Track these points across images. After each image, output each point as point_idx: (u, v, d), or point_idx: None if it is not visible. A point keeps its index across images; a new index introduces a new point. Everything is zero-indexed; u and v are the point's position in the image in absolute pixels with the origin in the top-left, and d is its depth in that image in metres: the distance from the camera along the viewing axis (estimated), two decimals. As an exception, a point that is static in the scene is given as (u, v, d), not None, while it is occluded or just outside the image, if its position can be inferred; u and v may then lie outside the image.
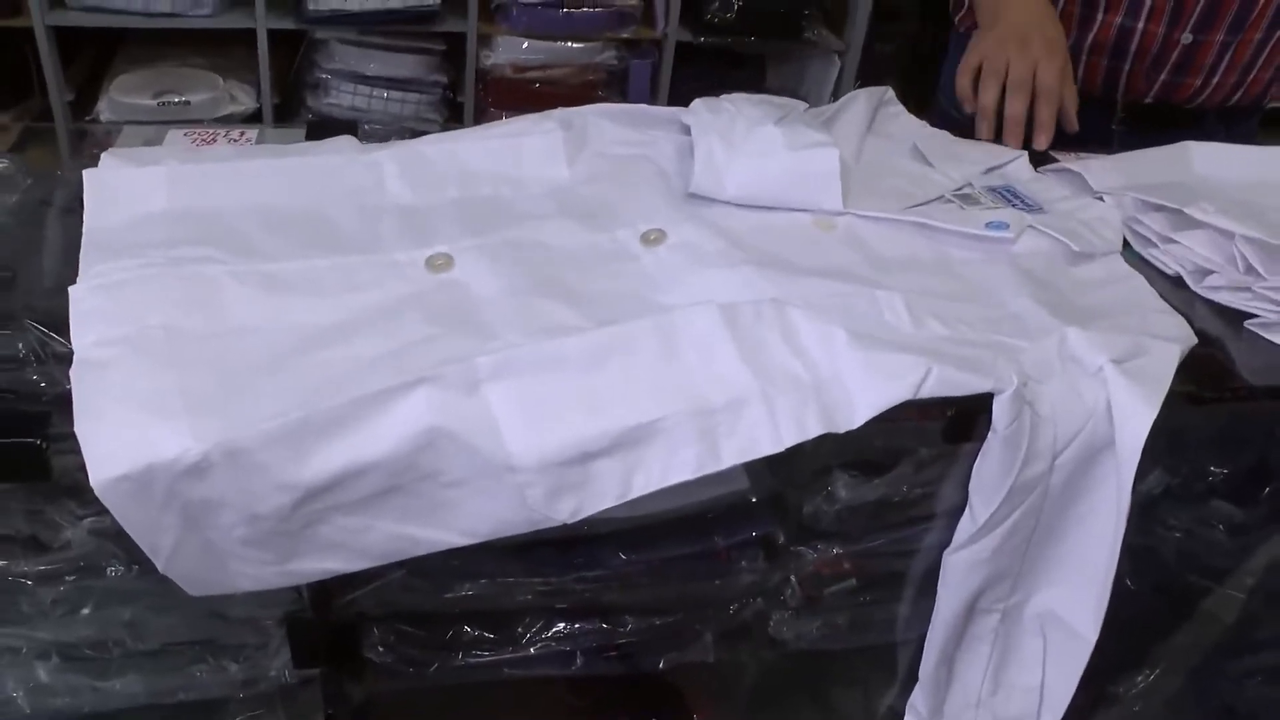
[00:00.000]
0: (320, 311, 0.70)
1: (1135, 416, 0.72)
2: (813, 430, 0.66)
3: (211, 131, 0.95)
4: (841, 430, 0.67)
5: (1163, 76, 1.26)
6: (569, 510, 0.63)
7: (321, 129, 0.98)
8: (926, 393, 0.68)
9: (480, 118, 1.93)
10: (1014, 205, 0.95)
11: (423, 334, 0.68)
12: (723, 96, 0.99)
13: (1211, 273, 0.90)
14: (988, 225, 0.88)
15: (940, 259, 0.86)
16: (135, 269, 0.70)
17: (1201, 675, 1.12)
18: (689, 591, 0.76)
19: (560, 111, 0.96)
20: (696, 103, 0.94)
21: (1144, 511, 0.75)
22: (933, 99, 1.49)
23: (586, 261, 0.78)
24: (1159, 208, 0.97)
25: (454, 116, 1.97)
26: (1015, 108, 1.08)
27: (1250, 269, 0.89)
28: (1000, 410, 0.70)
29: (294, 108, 1.96)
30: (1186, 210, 0.93)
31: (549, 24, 1.84)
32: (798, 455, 0.66)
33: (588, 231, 0.82)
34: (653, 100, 1.95)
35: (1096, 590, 0.77)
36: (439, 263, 0.75)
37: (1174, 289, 0.90)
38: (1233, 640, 1.08)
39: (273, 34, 1.87)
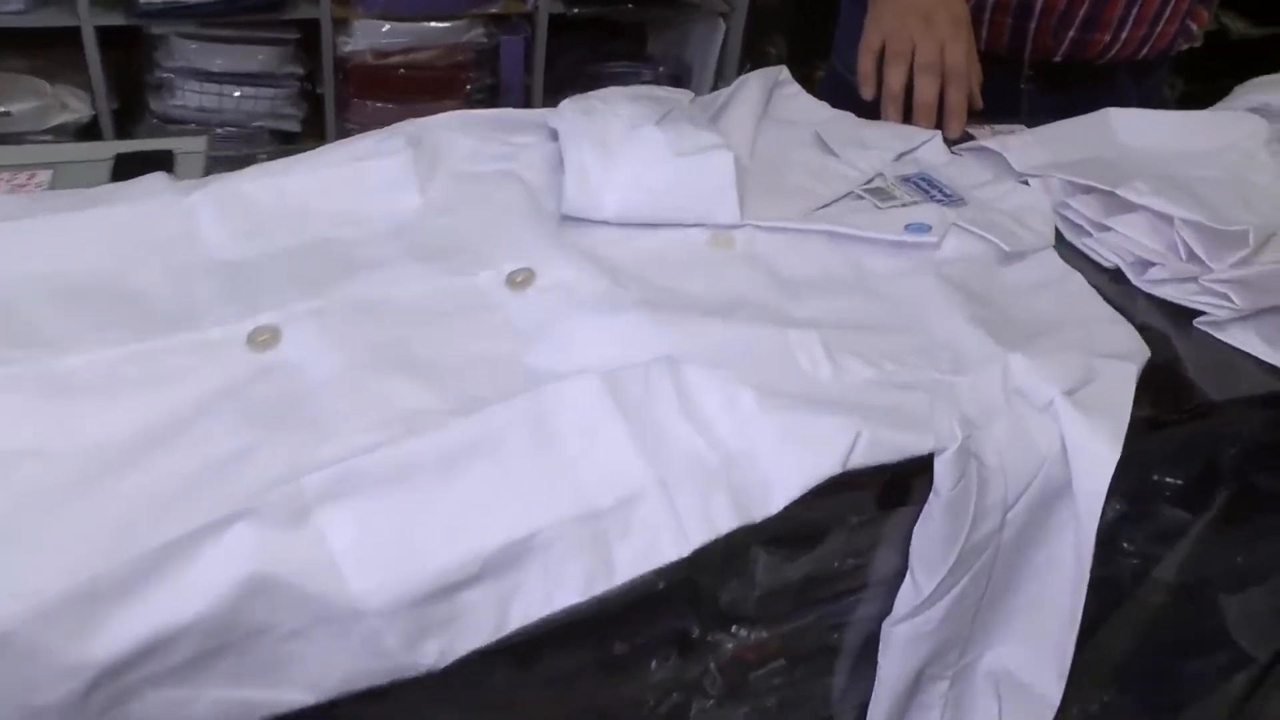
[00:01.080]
0: (116, 421, 0.56)
1: (1095, 458, 0.62)
2: (724, 525, 0.54)
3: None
4: (759, 519, 0.55)
5: (1071, 33, 1.17)
6: (434, 654, 0.51)
7: (133, 164, 0.83)
8: (856, 462, 0.57)
9: (343, 111, 1.77)
10: (932, 197, 0.85)
11: (239, 443, 0.55)
12: (595, 93, 0.87)
13: (1153, 264, 0.81)
14: (907, 228, 0.77)
15: (856, 274, 0.75)
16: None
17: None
18: (593, 704, 0.65)
19: (409, 125, 0.82)
20: (564, 104, 0.81)
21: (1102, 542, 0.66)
22: (826, 59, 1.38)
23: (441, 317, 0.65)
24: (1089, 189, 0.87)
25: (314, 111, 1.80)
26: (927, 93, 0.97)
27: (1193, 256, 0.80)
28: (943, 471, 0.60)
29: (137, 113, 1.77)
30: (1119, 192, 0.84)
31: (409, 3, 1.68)
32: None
33: (443, 276, 0.69)
34: (527, 78, 1.81)
35: (1057, 646, 0.68)
36: (262, 338, 0.62)
37: (1113, 284, 0.81)
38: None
39: (105, 32, 1.68)
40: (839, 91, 1.36)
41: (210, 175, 0.78)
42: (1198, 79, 2.15)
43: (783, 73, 0.97)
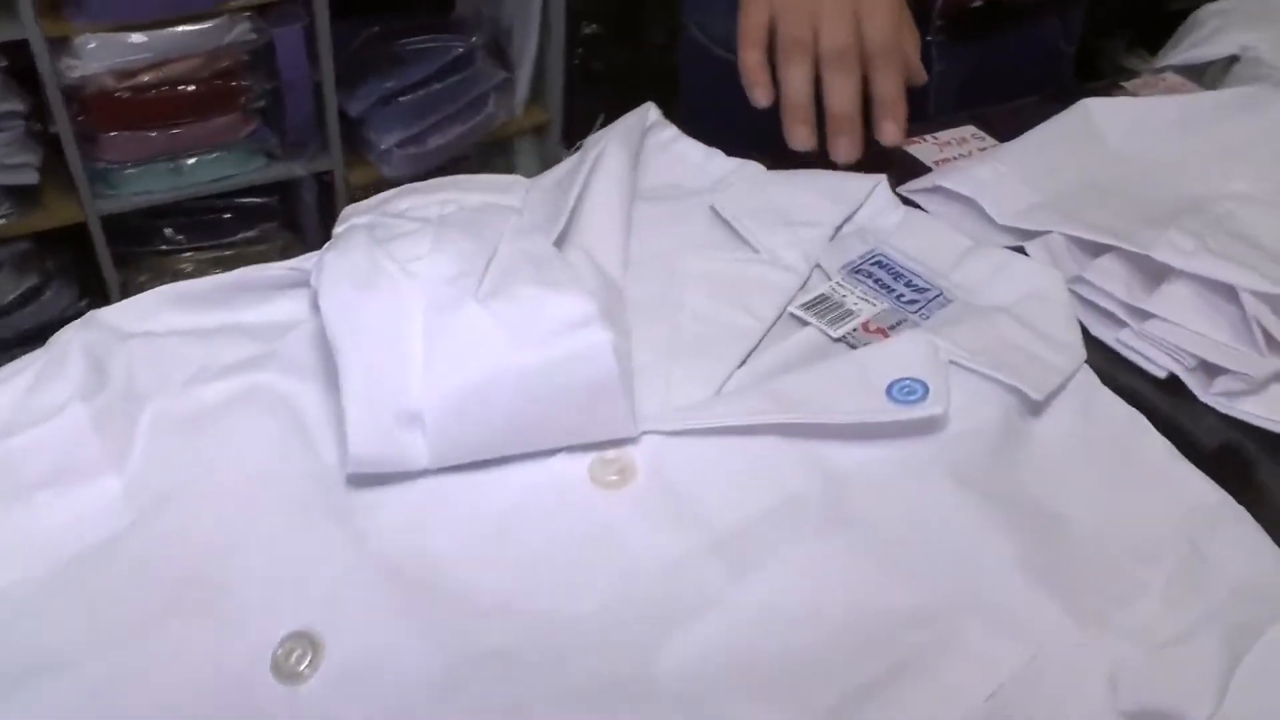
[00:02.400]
0: None
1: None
2: None
3: None
4: None
5: None
6: None
7: None
8: None
9: (91, 148, 1.40)
10: (899, 297, 0.58)
11: None
12: (370, 212, 0.56)
13: (1224, 371, 0.56)
14: (892, 394, 0.50)
15: (825, 493, 0.47)
16: None
17: None
18: None
19: (89, 337, 0.51)
20: (328, 257, 0.51)
21: None
22: (680, 24, 1.08)
23: None
24: (1105, 249, 0.62)
25: (54, 154, 1.43)
26: (841, 98, 0.69)
27: (1277, 346, 0.55)
28: None
29: None
30: (1153, 254, 0.58)
31: (141, 7, 1.30)
32: None
33: (181, 669, 0.40)
34: (315, 74, 1.46)
35: None
36: None
37: (1170, 400, 0.56)
38: None
39: None
40: (704, 69, 1.07)
41: None
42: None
43: (651, 112, 0.68)
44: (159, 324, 0.51)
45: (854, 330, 0.56)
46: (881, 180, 0.66)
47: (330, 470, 0.47)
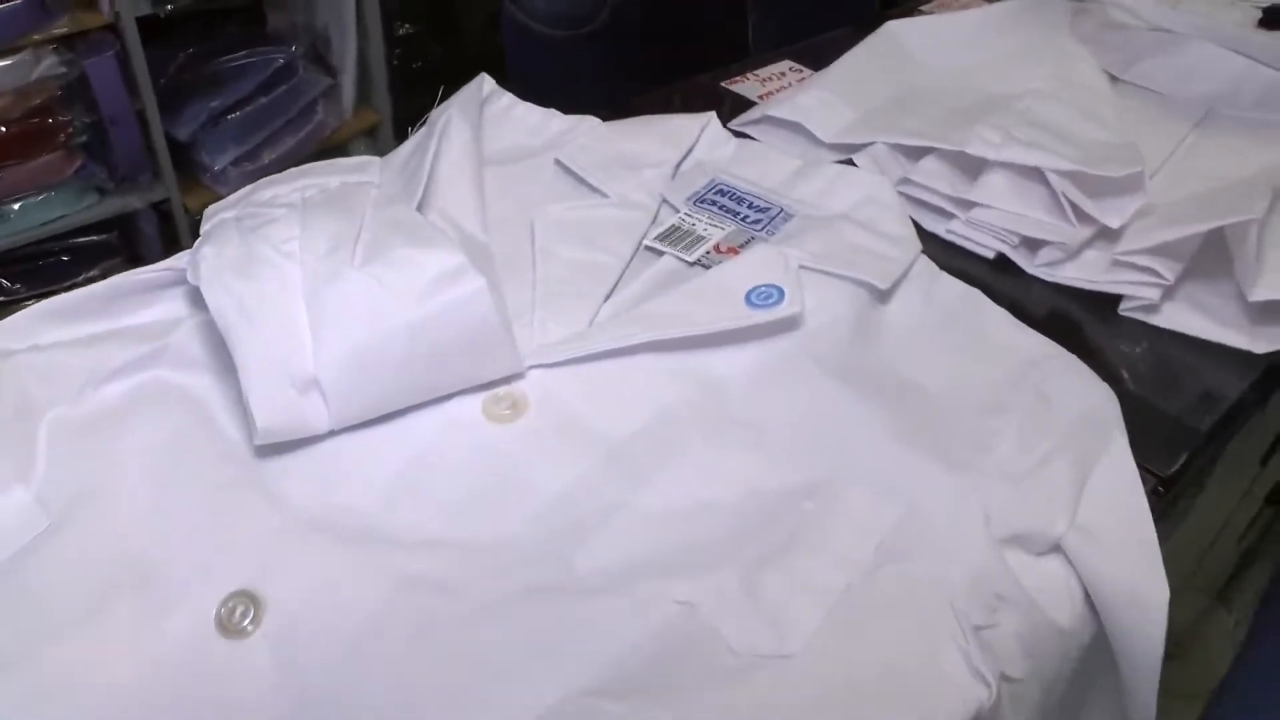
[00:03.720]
0: None
1: (1143, 606, 0.44)
2: None
3: None
4: None
5: None
6: None
7: None
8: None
9: (-97, 207, 1.34)
10: (745, 219, 0.62)
11: None
12: (241, 201, 0.58)
13: (1044, 244, 0.62)
14: (750, 301, 0.54)
15: (705, 397, 0.51)
16: None
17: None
18: None
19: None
20: (203, 254, 0.52)
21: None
22: (499, 7, 1.10)
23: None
24: (926, 152, 0.67)
25: None
26: None
27: (1084, 217, 0.62)
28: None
29: None
30: (968, 150, 0.64)
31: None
32: None
33: (120, 646, 0.41)
34: (136, 102, 1.43)
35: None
36: None
37: (1002, 277, 0.62)
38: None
39: None
40: (526, 44, 1.10)
41: None
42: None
43: (485, 84, 0.71)
44: (41, 339, 0.52)
45: (707, 253, 0.60)
46: (711, 117, 0.70)
47: (237, 446, 0.49)
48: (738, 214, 0.63)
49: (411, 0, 2.03)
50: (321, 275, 0.50)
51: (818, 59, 0.82)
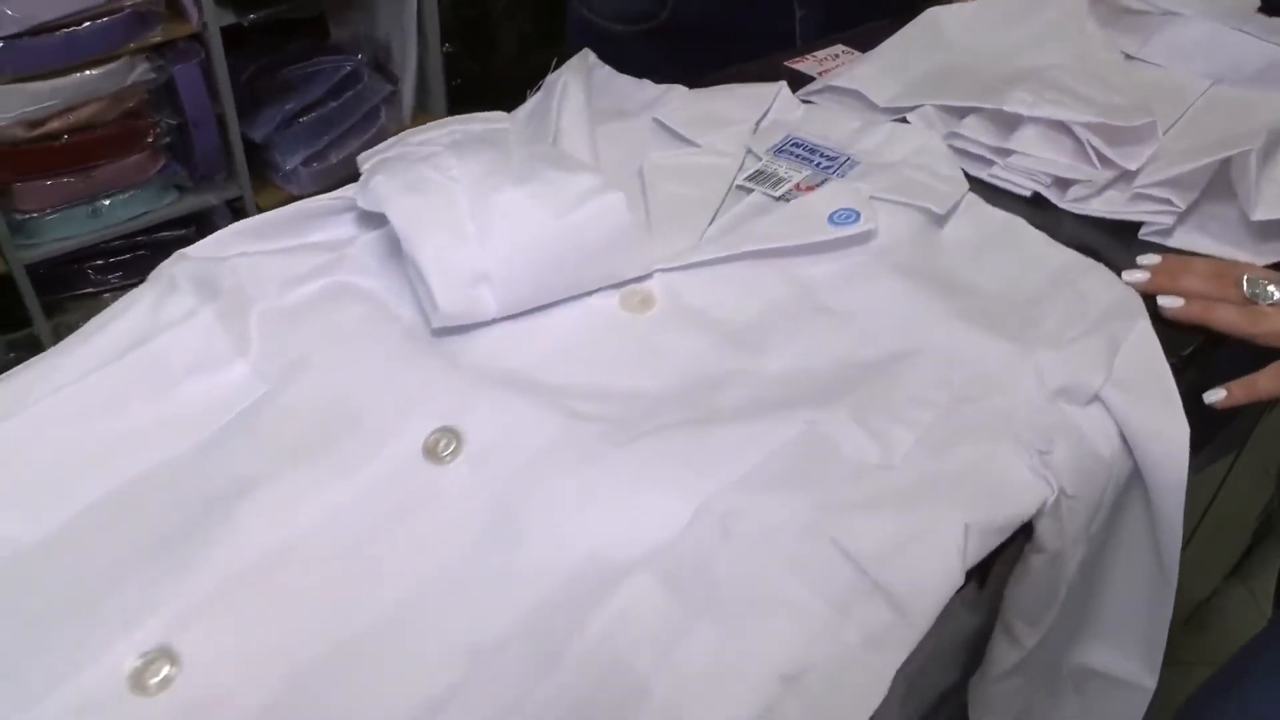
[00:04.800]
0: None
1: (1167, 443, 0.54)
2: (882, 685, 0.42)
3: None
4: (905, 656, 0.43)
5: None
6: None
7: None
8: (972, 559, 0.46)
9: (7, 200, 1.45)
10: (818, 165, 0.73)
11: None
12: (395, 145, 0.69)
13: (1074, 182, 0.73)
14: (832, 221, 0.65)
15: (802, 294, 0.62)
16: None
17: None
18: None
19: (184, 267, 0.62)
20: (376, 179, 0.63)
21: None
22: (568, 6, 1.22)
23: (370, 540, 0.48)
24: (968, 111, 0.78)
25: (-31, 212, 1.48)
26: None
27: (1106, 161, 0.72)
28: (1046, 528, 0.50)
29: None
30: (1006, 108, 0.75)
31: (47, 55, 1.38)
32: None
33: (340, 478, 0.51)
34: (217, 106, 1.55)
35: (1149, 637, 0.60)
36: (158, 676, 0.43)
37: (1037, 212, 0.73)
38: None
39: None
40: (591, 39, 1.21)
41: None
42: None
43: (589, 57, 0.82)
44: (246, 249, 0.63)
45: (789, 190, 0.71)
46: (783, 85, 0.81)
47: (416, 329, 0.59)
48: (812, 161, 0.74)
49: (450, 22, 2.16)
50: (483, 192, 0.60)
51: (864, 44, 0.93)
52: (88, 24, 1.41)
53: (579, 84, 0.75)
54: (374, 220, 0.65)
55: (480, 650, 0.43)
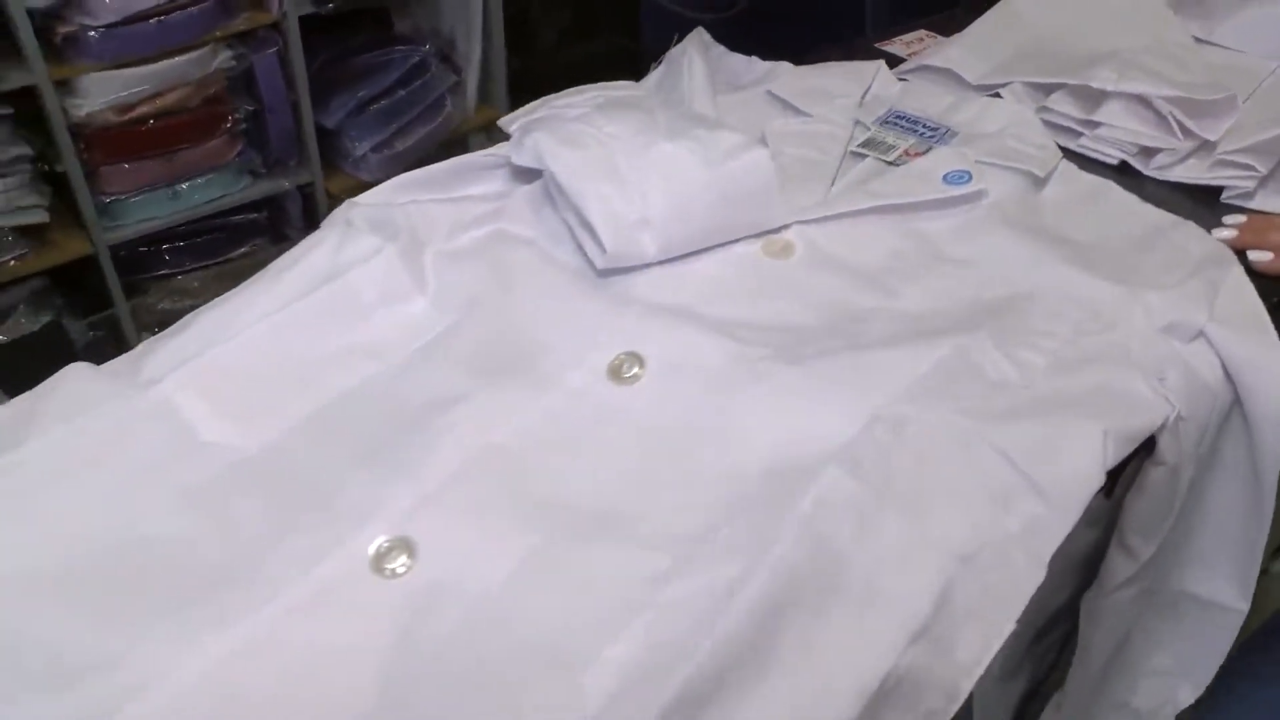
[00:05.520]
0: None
1: (1267, 373, 0.60)
2: (1029, 585, 0.48)
3: None
4: (1047, 559, 0.49)
5: None
6: None
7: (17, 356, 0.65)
8: (1110, 464, 0.52)
9: (95, 182, 1.51)
10: (921, 135, 0.79)
11: (483, 705, 0.43)
12: (539, 108, 0.75)
13: (1158, 150, 0.79)
14: (946, 180, 0.71)
15: (924, 245, 0.68)
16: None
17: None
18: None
19: (356, 210, 0.68)
20: (535, 138, 0.69)
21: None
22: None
23: (567, 446, 0.54)
24: (1054, 88, 0.84)
25: (60, 192, 1.54)
26: None
27: (1188, 132, 0.79)
28: (1168, 442, 0.56)
29: None
30: (1092, 84, 0.81)
31: (140, 42, 1.44)
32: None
33: (532, 392, 0.57)
34: (292, 92, 1.62)
35: (1243, 560, 0.66)
36: (392, 565, 0.48)
37: (1125, 179, 0.79)
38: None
39: None
40: (662, 24, 1.29)
41: (140, 345, 0.61)
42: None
43: (703, 35, 0.88)
44: (416, 197, 0.69)
45: (899, 156, 0.77)
46: (882, 63, 0.87)
47: (579, 272, 0.65)
48: (916, 130, 0.80)
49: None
50: (639, 147, 0.66)
51: (943, 29, 1.00)
52: (178, 12, 1.47)
53: (700, 57, 0.82)
54: (525, 176, 0.72)
55: (687, 538, 0.49)
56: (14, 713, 0.41)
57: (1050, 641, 0.72)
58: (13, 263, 1.53)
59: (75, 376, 0.57)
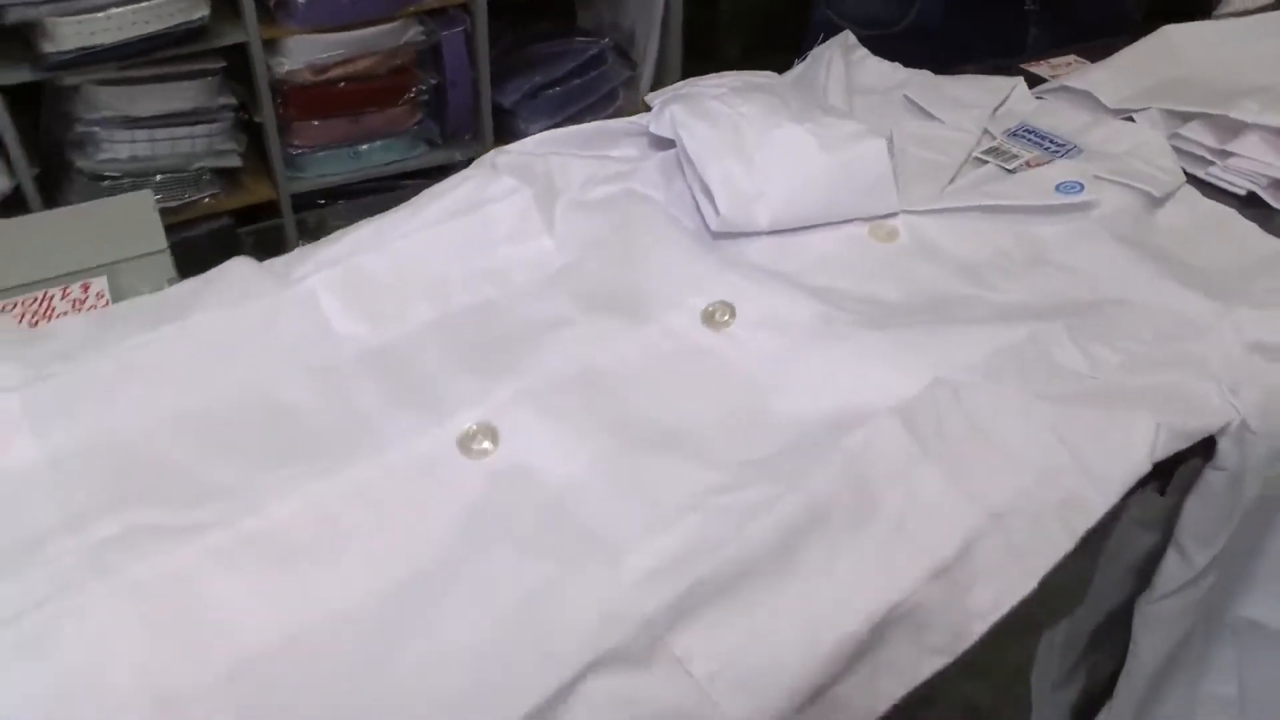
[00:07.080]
0: (364, 576, 0.48)
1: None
2: (1061, 547, 0.51)
3: (37, 296, 0.70)
4: (1082, 532, 0.52)
5: None
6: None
7: (195, 254, 0.74)
8: (1159, 456, 0.54)
9: (286, 135, 1.65)
10: (1046, 149, 0.81)
11: (532, 578, 0.48)
12: (684, 87, 0.81)
13: (1289, 183, 0.79)
14: (1059, 189, 0.73)
15: (1029, 246, 0.71)
16: (35, 596, 0.46)
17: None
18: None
19: (501, 156, 0.75)
20: (672, 110, 0.75)
21: None
22: (810, 10, 1.33)
23: (656, 373, 0.60)
24: (1192, 116, 0.85)
25: (254, 140, 1.68)
26: None
27: (1324, 168, 0.79)
28: (1228, 448, 0.57)
29: (59, 176, 1.62)
30: (1232, 114, 0.82)
31: (341, 11, 1.57)
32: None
33: (634, 326, 0.63)
34: (473, 72, 1.72)
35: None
36: (478, 445, 0.55)
37: (1250, 210, 0.79)
38: None
39: (10, 92, 1.51)
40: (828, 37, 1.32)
41: (298, 249, 0.69)
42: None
43: (849, 38, 0.92)
44: (555, 150, 0.75)
45: (1020, 165, 0.80)
46: (1020, 80, 0.90)
47: (695, 234, 0.70)
48: (1042, 145, 0.82)
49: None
50: (766, 126, 0.71)
51: (1095, 57, 1.01)
52: (377, -14, 1.60)
53: (841, 58, 0.86)
54: (659, 145, 0.77)
55: (743, 463, 0.53)
56: (152, 516, 0.49)
57: (1106, 650, 0.74)
58: (207, 199, 1.68)
59: (238, 265, 0.65)
